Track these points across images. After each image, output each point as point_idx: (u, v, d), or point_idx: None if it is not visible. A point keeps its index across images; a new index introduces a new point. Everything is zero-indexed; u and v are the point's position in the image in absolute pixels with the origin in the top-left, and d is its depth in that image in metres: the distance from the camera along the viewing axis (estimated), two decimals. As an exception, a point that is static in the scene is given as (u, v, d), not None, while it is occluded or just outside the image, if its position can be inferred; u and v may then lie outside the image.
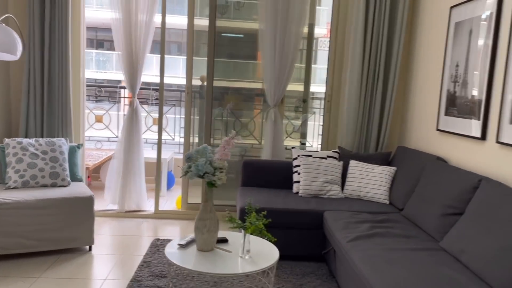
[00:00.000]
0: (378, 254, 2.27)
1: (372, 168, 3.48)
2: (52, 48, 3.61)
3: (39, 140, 3.32)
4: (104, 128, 5.45)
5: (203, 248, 2.24)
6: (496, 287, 1.92)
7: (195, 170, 2.12)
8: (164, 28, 3.98)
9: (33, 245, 2.96)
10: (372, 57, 3.76)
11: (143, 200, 4.13)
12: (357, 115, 3.84)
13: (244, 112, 4.62)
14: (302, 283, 2.82)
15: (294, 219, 3.09)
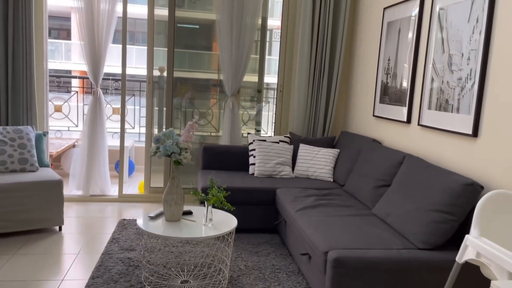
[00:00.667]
0: (321, 220, 2.69)
1: (318, 150, 3.92)
2: (16, 39, 3.74)
3: (7, 128, 3.47)
4: (63, 118, 5.56)
5: (171, 218, 2.56)
6: (410, 239, 2.39)
7: (164, 150, 2.43)
8: (125, 17, 4.16)
9: (6, 225, 3.14)
10: (319, 52, 4.18)
11: (107, 185, 4.34)
12: (306, 104, 4.26)
13: (201, 102, 4.90)
14: (257, 250, 3.20)
15: (250, 196, 3.46)
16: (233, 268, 2.87)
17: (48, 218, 3.31)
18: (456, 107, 2.60)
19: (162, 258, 2.97)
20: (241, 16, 4.10)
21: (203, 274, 2.75)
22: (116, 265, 2.83)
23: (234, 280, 2.70)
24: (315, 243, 2.41)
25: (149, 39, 4.28)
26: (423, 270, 2.20)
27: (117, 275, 2.69)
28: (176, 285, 2.59)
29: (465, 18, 2.55)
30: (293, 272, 2.87)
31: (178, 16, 4.44)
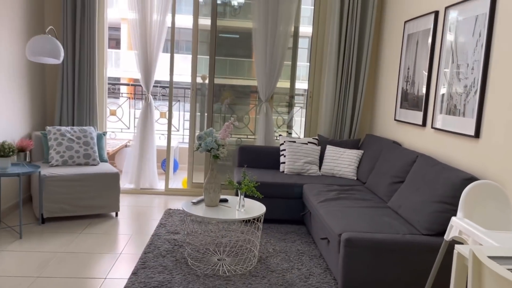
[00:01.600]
0: (339, 210, 3.07)
1: (344, 151, 4.28)
2: (82, 49, 4.37)
3: (74, 128, 4.09)
4: (117, 121, 6.22)
5: (210, 204, 3.03)
6: (416, 226, 2.73)
7: (204, 146, 2.91)
8: (173, 28, 4.69)
9: (73, 210, 3.74)
10: (346, 60, 4.55)
11: (155, 180, 4.90)
12: (333, 109, 4.64)
13: (240, 107, 5.37)
14: (285, 238, 3.62)
15: (280, 191, 3.88)
16: (263, 251, 3.30)
17: (106, 205, 3.89)
18: (462, 111, 2.91)
19: (202, 240, 3.45)
20: (276, 24, 4.53)
21: (236, 253, 3.20)
22: (163, 244, 3.34)
23: (263, 260, 3.13)
24: (332, 227, 2.80)
25: (193, 49, 4.81)
26: (424, 252, 2.53)
27: (165, 251, 3.19)
28: (213, 261, 3.05)
29: (470, 32, 2.87)
30: (315, 256, 3.26)
31: (220, 25, 4.87)
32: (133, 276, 2.78)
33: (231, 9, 5.10)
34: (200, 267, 2.95)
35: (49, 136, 3.96)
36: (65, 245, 3.24)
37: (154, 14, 4.52)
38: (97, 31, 4.44)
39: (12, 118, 3.86)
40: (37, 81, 4.34)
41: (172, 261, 3.02)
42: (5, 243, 3.20)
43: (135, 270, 2.86)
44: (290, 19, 4.55)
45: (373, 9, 4.47)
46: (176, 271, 2.87)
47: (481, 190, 2.11)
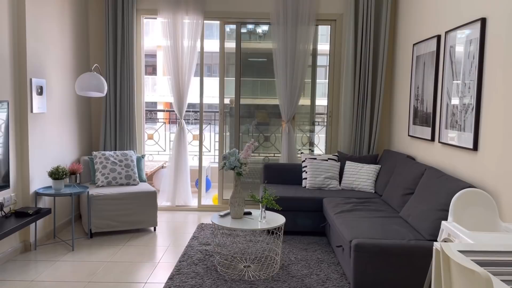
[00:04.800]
0: (353, 220, 3.36)
1: (362, 166, 4.57)
2: (122, 80, 4.92)
3: (116, 152, 4.61)
4: (154, 144, 6.76)
5: (235, 216, 3.41)
6: (422, 233, 2.98)
7: (228, 165, 3.31)
8: (203, 52, 5.17)
9: (116, 225, 4.21)
10: (362, 81, 4.87)
11: (189, 197, 5.34)
12: (351, 127, 4.94)
13: (266, 127, 5.74)
14: (306, 248, 3.92)
15: (302, 204, 4.20)
16: (285, 259, 3.62)
17: (146, 221, 4.34)
18: (463, 126, 3.17)
19: (230, 250, 3.81)
20: (295, 44, 4.91)
21: (260, 261, 3.54)
22: (196, 254, 3.73)
23: (285, 267, 3.45)
24: (344, 235, 3.10)
25: (220, 73, 5.25)
26: (428, 256, 2.79)
27: (197, 260, 3.58)
28: (239, 268, 3.41)
29: (466, 54, 3.15)
30: (333, 263, 3.55)
31: (245, 47, 5.25)
32: (169, 281, 3.17)
33: (255, 36, 5.55)
34: (228, 273, 3.31)
35: (95, 160, 4.48)
36: (111, 255, 3.70)
37: (185, 40, 5.00)
38: (135, 61, 4.97)
39: (64, 145, 4.42)
40: (83, 112, 4.92)
41: (203, 268, 3.40)
42: (60, 254, 3.69)
43: (171, 276, 3.25)
44: (308, 39, 4.91)
45: (385, 32, 4.79)
46: (207, 276, 3.25)
47: (469, 197, 2.38)
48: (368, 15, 4.79)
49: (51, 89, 4.11)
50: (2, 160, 3.31)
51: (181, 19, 4.97)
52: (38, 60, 3.84)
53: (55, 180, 3.78)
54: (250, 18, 5.10)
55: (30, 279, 3.19)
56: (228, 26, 5.24)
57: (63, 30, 4.33)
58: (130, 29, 4.86)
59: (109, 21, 4.83)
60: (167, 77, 5.11)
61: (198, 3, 4.95)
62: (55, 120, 4.19)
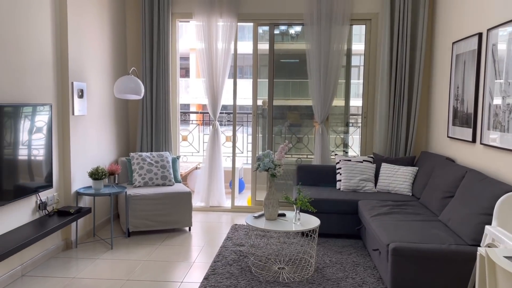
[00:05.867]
0: (390, 223, 3.29)
1: (399, 168, 4.46)
2: (158, 83, 5.02)
3: (152, 153, 4.71)
4: (188, 146, 6.87)
5: (269, 218, 3.40)
6: (463, 237, 2.88)
7: (263, 166, 3.32)
8: (236, 54, 5.20)
9: (153, 225, 4.30)
10: (398, 79, 4.76)
11: (222, 198, 5.38)
12: (387, 128, 4.84)
13: (299, 128, 5.70)
14: (341, 251, 3.87)
15: (336, 207, 4.15)
16: (319, 262, 3.59)
17: (181, 221, 4.40)
18: (506, 127, 3.04)
19: (264, 251, 3.82)
20: (328, 44, 4.85)
21: (294, 263, 3.52)
22: (230, 254, 3.75)
23: (319, 270, 3.42)
24: (381, 239, 3.04)
25: (253, 74, 5.27)
26: (469, 261, 2.69)
27: (231, 261, 3.60)
28: (274, 269, 3.40)
29: (509, 52, 3.02)
30: (369, 267, 3.48)
31: (278, 48, 5.25)
32: (205, 280, 3.21)
33: (288, 37, 5.54)
34: (263, 274, 3.31)
35: (133, 161, 4.60)
36: (148, 254, 3.78)
37: (219, 42, 5.06)
38: (171, 63, 5.07)
39: (103, 146, 4.56)
40: (121, 114, 5.06)
41: (238, 269, 3.42)
42: (100, 253, 3.81)
43: (206, 276, 3.29)
44: (342, 39, 4.85)
45: (423, 30, 4.67)
46: (242, 277, 3.26)
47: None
48: (405, 13, 4.69)
49: (91, 92, 4.25)
50: (46, 161, 3.46)
51: (215, 21, 5.03)
52: (79, 64, 3.98)
53: (95, 180, 3.91)
54: (283, 19, 5.10)
55: (71, 276, 3.30)
56: (261, 28, 5.26)
57: (102, 35, 4.48)
58: (166, 32, 4.96)
59: (146, 26, 4.95)
60: (201, 79, 5.17)
61: (232, 5, 4.99)
62: (94, 122, 4.33)
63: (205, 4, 4.99)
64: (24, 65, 3.26)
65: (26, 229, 3.16)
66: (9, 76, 3.08)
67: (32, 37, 3.34)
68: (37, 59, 3.42)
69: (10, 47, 3.09)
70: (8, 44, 3.06)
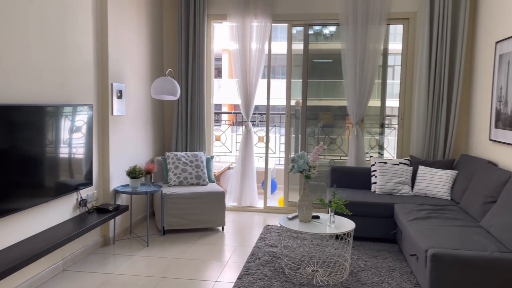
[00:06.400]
0: (428, 228, 3.20)
1: (437, 171, 4.33)
2: (193, 83, 5.09)
3: (187, 153, 4.78)
4: (221, 146, 6.93)
5: (303, 220, 3.38)
6: (507, 245, 2.76)
7: (297, 168, 3.30)
8: (270, 55, 5.20)
9: (187, 223, 4.36)
10: (437, 80, 4.62)
11: (255, 199, 5.40)
12: (425, 129, 4.71)
13: (333, 129, 5.63)
14: (376, 255, 3.80)
15: (371, 210, 4.08)
16: (354, 265, 3.54)
17: (214, 220, 4.45)
18: (556, 130, 2.89)
19: (297, 253, 3.80)
20: (365, 43, 4.77)
21: (328, 266, 3.48)
22: (263, 255, 3.76)
23: (354, 274, 3.37)
24: (419, 244, 2.96)
25: (287, 75, 5.25)
26: (514, 270, 2.58)
27: (265, 261, 3.61)
28: (307, 272, 3.38)
29: (560, 51, 2.87)
30: (406, 272, 3.40)
31: (312, 48, 5.21)
32: (238, 280, 3.23)
33: (321, 37, 5.49)
34: (296, 276, 3.30)
35: (168, 161, 4.68)
36: (182, 252, 3.84)
37: (253, 43, 5.07)
38: (205, 64, 5.13)
39: (139, 146, 4.67)
40: (157, 114, 5.17)
41: (271, 270, 3.42)
42: (136, 250, 3.90)
43: (240, 276, 3.30)
44: (379, 38, 4.76)
45: (463, 29, 4.51)
46: (275, 278, 3.26)
47: None
48: (445, 12, 4.55)
49: (129, 93, 4.36)
50: (86, 159, 3.57)
51: (250, 22, 5.05)
52: (118, 66, 4.09)
53: (133, 179, 4.00)
54: (318, 20, 5.06)
55: (109, 272, 3.40)
56: (295, 28, 5.23)
57: (140, 38, 4.58)
58: (201, 34, 5.02)
59: (182, 27, 5.03)
60: (235, 80, 5.20)
61: (267, 6, 4.99)
62: (132, 122, 4.44)
63: (240, 5, 5.02)
64: (68, 67, 3.38)
65: (67, 225, 3.28)
66: (54, 77, 3.21)
67: (75, 40, 3.46)
68: (80, 62, 3.54)
69: (56, 50, 3.21)
70: (54, 48, 3.18)
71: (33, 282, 3.05)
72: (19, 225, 2.90)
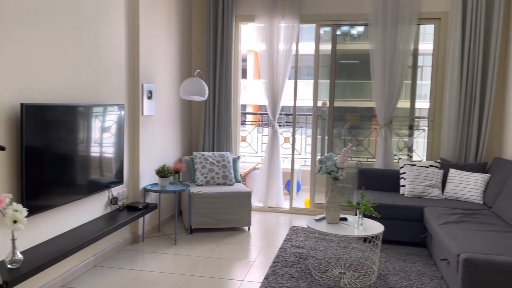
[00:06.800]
0: (460, 232, 3.13)
1: (469, 175, 4.23)
2: (221, 84, 5.13)
3: (214, 153, 4.83)
4: (247, 146, 6.96)
5: (331, 221, 3.36)
6: (543, 252, 2.67)
7: (325, 169, 3.28)
8: (297, 56, 5.19)
9: (214, 223, 4.40)
10: (469, 80, 4.51)
11: (280, 199, 5.40)
12: (457, 131, 4.60)
13: (359, 130, 5.57)
14: (405, 259, 3.74)
15: (399, 213, 4.01)
16: (382, 269, 3.49)
17: (240, 220, 4.47)
18: None
19: (324, 255, 3.78)
20: (394, 44, 4.70)
21: (356, 269, 3.45)
22: (290, 256, 3.75)
23: (382, 277, 3.33)
24: (451, 248, 2.90)
25: (315, 76, 5.23)
26: (552, 278, 2.49)
27: (291, 262, 3.60)
28: (334, 274, 3.36)
29: None
30: (436, 277, 3.33)
31: (339, 49, 5.18)
32: (265, 280, 3.24)
33: (349, 37, 5.44)
34: (323, 278, 3.28)
35: (195, 160, 4.74)
36: (209, 251, 3.88)
37: (280, 44, 5.08)
38: (233, 65, 5.17)
39: (168, 145, 4.74)
40: (185, 114, 5.24)
41: (298, 271, 3.41)
42: (164, 247, 3.97)
43: (267, 276, 3.31)
44: (409, 38, 4.68)
45: (498, 28, 4.39)
46: (302, 280, 3.25)
47: None
48: (478, 11, 4.43)
49: (159, 94, 4.44)
50: (118, 158, 3.66)
51: (277, 23, 5.05)
52: (148, 67, 4.17)
53: (162, 177, 4.07)
54: (346, 20, 5.02)
55: (139, 268, 3.47)
56: (322, 29, 5.21)
57: (169, 39, 4.66)
58: (229, 35, 5.06)
59: (210, 29, 5.09)
60: (262, 81, 5.22)
61: (295, 7, 4.99)
62: (161, 122, 4.52)
63: (268, 6, 5.03)
64: (102, 68, 3.47)
65: (99, 222, 3.37)
66: (89, 78, 3.30)
67: (108, 43, 3.55)
68: (112, 63, 3.63)
69: (90, 52, 3.31)
70: (88, 50, 3.28)
71: (66, 276, 3.14)
72: (54, 221, 3.00)
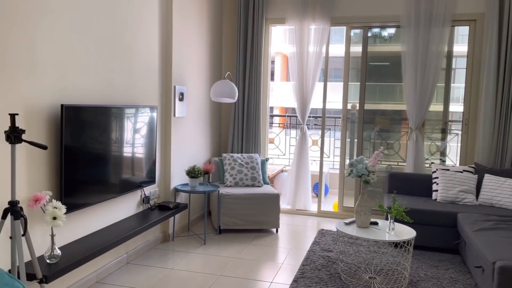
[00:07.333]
0: (495, 239, 3.04)
1: (505, 180, 4.10)
2: (250, 86, 5.17)
3: (243, 155, 4.86)
4: (275, 148, 6.97)
5: (361, 225, 3.33)
6: None
7: (356, 172, 3.26)
8: (327, 58, 5.17)
9: (242, 224, 4.43)
10: (506, 83, 4.37)
11: (308, 202, 5.38)
12: (492, 136, 4.47)
13: (390, 134, 5.49)
14: (437, 265, 3.66)
15: (432, 218, 3.93)
16: (413, 275, 3.43)
17: (269, 222, 4.49)
18: None
19: (353, 259, 3.74)
20: (427, 46, 4.61)
21: (386, 274, 3.40)
22: (318, 259, 3.74)
23: (414, 283, 3.27)
24: (486, 255, 2.82)
25: (344, 78, 5.19)
26: None
27: (320, 266, 3.59)
28: (364, 278, 3.32)
29: None
30: (469, 285, 3.25)
31: (370, 51, 5.13)
32: (294, 283, 3.24)
33: (379, 39, 5.37)
34: (353, 282, 3.25)
35: (225, 162, 4.79)
36: (238, 252, 3.91)
37: (310, 46, 5.06)
38: (263, 68, 5.20)
39: (198, 146, 4.81)
40: (215, 116, 5.30)
41: (326, 275, 3.39)
42: (194, 247, 4.02)
43: (296, 279, 3.31)
44: (443, 40, 4.58)
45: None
46: (331, 283, 3.23)
47: None
48: (516, 12, 4.30)
49: (190, 95, 4.52)
50: (150, 158, 3.74)
51: (308, 25, 5.05)
52: (180, 69, 4.25)
53: (192, 178, 4.14)
54: (377, 22, 4.96)
55: (169, 267, 3.54)
56: (352, 30, 5.17)
57: (200, 42, 4.73)
58: (259, 37, 5.10)
59: (241, 31, 5.13)
60: (291, 83, 5.22)
61: (325, 9, 4.97)
62: (192, 124, 4.60)
63: (298, 9, 5.04)
64: (136, 70, 3.57)
65: (132, 221, 3.45)
66: (123, 80, 3.40)
67: (143, 45, 3.64)
68: (146, 65, 3.73)
69: (126, 55, 3.40)
70: (124, 53, 3.38)
71: (100, 272, 3.24)
72: (90, 218, 3.09)
